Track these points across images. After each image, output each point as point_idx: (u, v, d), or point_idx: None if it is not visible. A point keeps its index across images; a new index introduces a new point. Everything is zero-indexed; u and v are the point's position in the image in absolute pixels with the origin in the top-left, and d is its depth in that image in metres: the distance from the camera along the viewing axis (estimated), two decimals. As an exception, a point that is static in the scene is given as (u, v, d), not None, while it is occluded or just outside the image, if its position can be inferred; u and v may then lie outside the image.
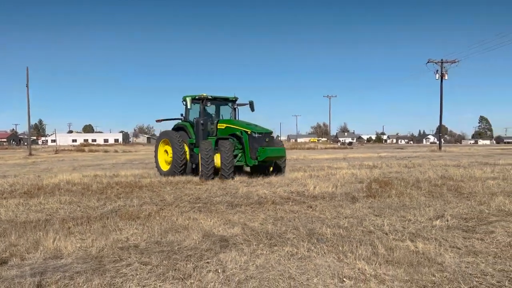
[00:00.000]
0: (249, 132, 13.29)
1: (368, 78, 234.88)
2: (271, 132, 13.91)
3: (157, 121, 16.39)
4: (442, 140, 53.29)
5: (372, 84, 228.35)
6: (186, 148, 14.48)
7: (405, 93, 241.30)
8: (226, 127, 14.12)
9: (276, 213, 7.54)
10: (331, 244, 5.29)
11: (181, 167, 14.16)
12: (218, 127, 14.37)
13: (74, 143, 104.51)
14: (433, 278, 4.04)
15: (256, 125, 13.86)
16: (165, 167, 15.12)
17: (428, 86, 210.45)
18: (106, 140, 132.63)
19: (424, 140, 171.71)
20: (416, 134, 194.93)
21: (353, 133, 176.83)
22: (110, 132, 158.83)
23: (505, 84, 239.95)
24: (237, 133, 13.66)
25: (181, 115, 15.27)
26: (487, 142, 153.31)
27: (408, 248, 5.08)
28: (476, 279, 4.02)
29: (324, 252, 4.94)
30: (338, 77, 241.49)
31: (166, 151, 15.31)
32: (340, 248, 5.08)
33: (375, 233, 5.90)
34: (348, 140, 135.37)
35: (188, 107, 14.26)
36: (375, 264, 4.47)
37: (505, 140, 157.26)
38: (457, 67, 46.39)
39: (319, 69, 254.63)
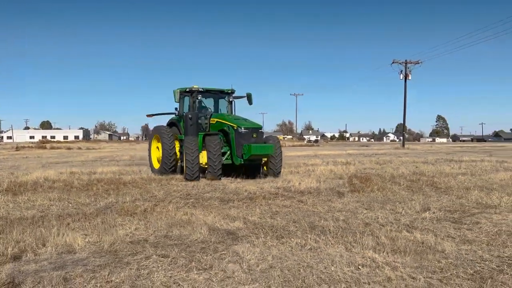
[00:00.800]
0: (235, 127, 12.40)
1: (332, 77, 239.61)
2: (260, 128, 12.90)
3: (148, 116, 15.60)
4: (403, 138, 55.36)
5: (335, 83, 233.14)
6: (177, 145, 13.59)
7: (367, 92, 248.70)
8: (217, 121, 13.23)
9: (270, 208, 7.74)
10: (335, 236, 5.55)
11: (171, 164, 13.32)
12: (211, 122, 13.51)
13: (32, 140, 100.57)
14: (440, 264, 4.36)
15: (245, 120, 13.00)
16: (157, 165, 14.31)
17: (389, 85, 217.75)
18: (65, 137, 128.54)
19: (384, 138, 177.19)
20: (376, 132, 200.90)
21: (317, 131, 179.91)
22: (70, 128, 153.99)
23: (461, 83, 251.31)
24: (225, 128, 12.75)
25: (175, 109, 14.36)
26: (444, 140, 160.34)
27: (408, 238, 5.40)
28: (478, 264, 4.38)
29: (332, 243, 5.18)
30: (302, 75, 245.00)
31: (157, 148, 14.46)
32: (346, 239, 5.34)
33: (372, 225, 6.22)
34: (313, 138, 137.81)
35: (176, 100, 13.38)
36: (383, 253, 4.75)
37: (461, 139, 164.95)
38: (420, 68, 48.18)
39: (284, 67, 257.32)
